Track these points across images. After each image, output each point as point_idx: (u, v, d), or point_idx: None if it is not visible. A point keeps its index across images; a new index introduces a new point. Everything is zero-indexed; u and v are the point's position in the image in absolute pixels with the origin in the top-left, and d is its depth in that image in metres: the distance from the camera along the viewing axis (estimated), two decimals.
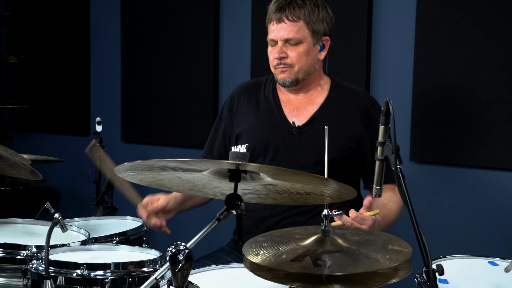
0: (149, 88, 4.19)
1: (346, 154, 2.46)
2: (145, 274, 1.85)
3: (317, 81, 2.53)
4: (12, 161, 1.96)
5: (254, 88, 2.62)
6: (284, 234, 1.77)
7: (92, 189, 4.16)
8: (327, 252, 1.63)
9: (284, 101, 2.54)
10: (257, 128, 2.53)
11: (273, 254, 1.63)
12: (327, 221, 1.71)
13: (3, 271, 1.97)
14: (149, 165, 1.66)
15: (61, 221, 1.87)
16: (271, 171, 1.63)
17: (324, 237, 1.70)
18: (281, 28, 2.42)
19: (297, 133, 2.47)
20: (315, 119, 2.48)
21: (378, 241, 1.72)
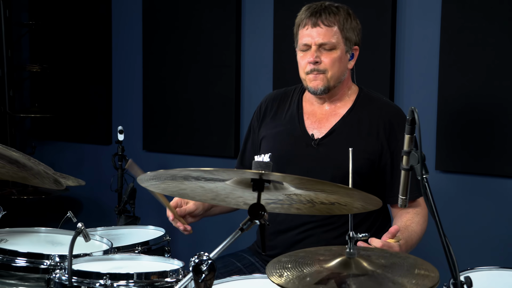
0: (170, 97, 4.21)
1: (366, 168, 2.42)
2: (168, 284, 1.85)
3: (345, 91, 2.51)
4: (36, 170, 1.98)
5: (281, 98, 2.62)
6: (308, 255, 1.76)
7: (114, 198, 4.19)
8: (352, 276, 1.61)
9: (307, 112, 2.53)
10: (278, 139, 2.53)
11: (297, 276, 1.62)
12: (352, 243, 1.70)
13: (26, 281, 1.99)
14: (172, 174, 1.66)
15: (84, 230, 1.88)
16: (294, 181, 1.63)
17: (349, 260, 1.68)
18: (316, 32, 2.41)
19: (315, 146, 2.45)
20: (335, 131, 2.46)
21: (404, 265, 1.70)
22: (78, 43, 4.62)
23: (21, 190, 4.39)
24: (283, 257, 1.76)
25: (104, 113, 4.56)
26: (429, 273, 1.64)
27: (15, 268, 1.99)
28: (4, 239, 2.23)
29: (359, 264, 1.66)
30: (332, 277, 1.60)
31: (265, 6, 3.83)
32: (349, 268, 1.64)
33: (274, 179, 1.65)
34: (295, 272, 1.65)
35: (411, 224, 2.37)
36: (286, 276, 1.63)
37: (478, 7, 3.16)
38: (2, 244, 2.16)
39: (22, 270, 1.99)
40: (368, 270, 1.64)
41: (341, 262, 1.67)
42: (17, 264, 1.99)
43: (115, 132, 4.24)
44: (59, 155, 4.79)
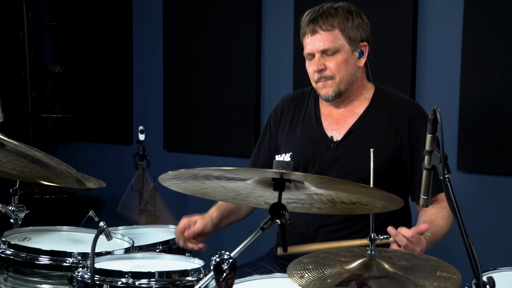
0: (191, 97, 4.22)
1: (387, 167, 2.39)
2: (189, 283, 1.86)
3: (359, 90, 2.48)
4: (58, 170, 1.99)
5: (298, 99, 2.60)
6: (329, 256, 1.75)
7: (136, 197, 4.21)
8: (373, 278, 1.61)
9: (324, 114, 2.51)
10: (297, 142, 2.51)
11: (318, 278, 1.62)
12: (373, 244, 1.69)
13: (49, 278, 2.01)
14: (193, 174, 1.67)
15: (106, 229, 1.89)
16: (315, 180, 1.63)
17: (370, 261, 1.68)
18: (316, 39, 2.37)
19: (334, 148, 2.43)
20: (354, 131, 2.44)
21: (426, 266, 1.69)
22: (99, 43, 4.66)
23: (44, 189, 4.43)
24: (304, 258, 1.77)
25: (125, 113, 4.59)
26: (451, 275, 1.63)
27: (38, 266, 2.01)
28: (27, 238, 2.26)
29: (381, 266, 1.66)
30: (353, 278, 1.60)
31: (286, 5, 3.83)
32: (370, 270, 1.64)
33: (295, 178, 1.65)
34: (316, 274, 1.65)
35: (436, 218, 2.35)
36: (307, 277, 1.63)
37: (501, 6, 3.13)
38: (25, 242, 2.19)
39: (46, 267, 2.01)
40: (389, 272, 1.63)
41: (362, 264, 1.67)
42: (40, 262, 2.02)
43: (136, 132, 4.27)
44: (80, 155, 4.83)
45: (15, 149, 1.99)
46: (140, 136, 4.11)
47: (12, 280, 2.06)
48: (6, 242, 2.11)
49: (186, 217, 2.45)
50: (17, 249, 2.07)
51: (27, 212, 2.42)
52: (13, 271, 2.07)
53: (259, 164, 2.63)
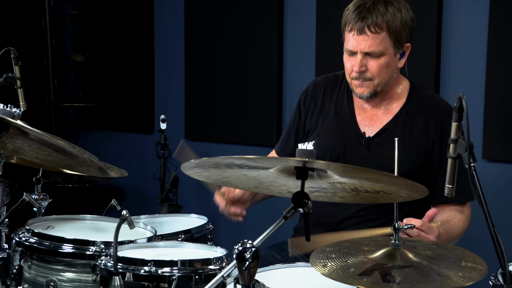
0: (213, 86, 4.23)
1: (417, 168, 2.35)
2: (212, 272, 1.87)
3: (394, 89, 2.43)
4: (81, 158, 2.01)
5: (330, 85, 2.52)
6: (352, 245, 1.75)
7: (157, 187, 4.24)
8: (397, 267, 1.60)
9: (358, 107, 2.46)
10: (327, 131, 2.46)
11: (341, 267, 1.62)
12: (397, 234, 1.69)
13: (73, 266, 2.03)
14: (215, 162, 1.68)
15: (128, 218, 1.91)
16: (339, 169, 1.63)
17: (394, 251, 1.67)
18: (363, 40, 2.27)
19: (366, 144, 2.40)
20: (387, 130, 2.39)
21: (451, 256, 1.68)
22: (120, 32, 4.68)
23: (66, 178, 4.48)
24: (327, 247, 1.76)
25: (147, 102, 4.61)
26: (476, 266, 1.62)
27: (62, 254, 2.04)
28: (51, 226, 2.28)
29: (405, 255, 1.65)
30: (377, 268, 1.60)
31: None
32: (394, 259, 1.63)
33: (318, 167, 1.65)
34: (339, 263, 1.64)
35: (453, 219, 2.32)
36: (330, 266, 1.63)
37: None
38: (49, 231, 2.21)
39: (69, 256, 2.03)
40: (413, 262, 1.63)
41: (386, 253, 1.66)
42: (63, 250, 2.04)
43: (157, 121, 4.29)
44: (102, 144, 4.87)
45: (38, 137, 2.01)
46: (161, 125, 4.13)
47: (35, 268, 2.09)
48: (30, 230, 2.13)
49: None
50: (41, 238, 2.10)
51: (50, 200, 2.45)
52: (37, 259, 2.09)
53: (288, 149, 2.60)
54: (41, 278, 2.07)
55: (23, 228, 2.18)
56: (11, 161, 2.40)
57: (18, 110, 2.08)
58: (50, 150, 2.10)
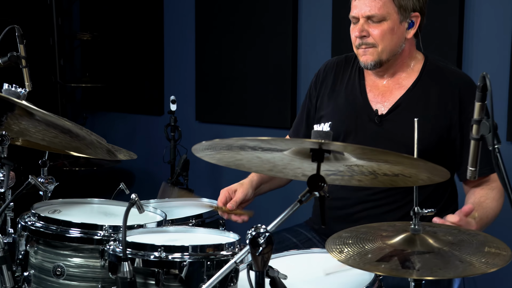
0: (224, 65, 4.22)
1: (434, 144, 2.35)
2: (224, 257, 1.87)
3: (406, 62, 2.43)
4: (88, 140, 2.01)
5: (342, 65, 2.56)
6: (370, 231, 1.75)
7: (167, 170, 4.25)
8: (416, 253, 1.59)
9: (369, 84, 2.47)
10: (339, 112, 2.48)
11: (358, 253, 1.62)
12: (417, 219, 1.68)
13: (80, 251, 2.04)
14: (228, 144, 1.67)
15: (138, 201, 1.91)
16: (356, 151, 1.62)
17: (414, 236, 1.66)
18: (363, 3, 2.33)
19: (379, 122, 2.41)
20: (400, 105, 2.40)
21: (473, 242, 1.67)
22: (129, 10, 4.67)
23: (73, 161, 4.49)
24: (343, 232, 1.76)
25: (156, 83, 4.61)
26: (500, 251, 1.61)
27: (69, 239, 2.04)
28: (57, 210, 2.29)
29: (425, 241, 1.64)
30: (395, 254, 1.59)
31: None
32: (414, 245, 1.63)
33: (335, 149, 1.64)
34: (356, 249, 1.64)
35: (486, 200, 2.32)
36: (346, 252, 1.63)
37: None
38: (55, 215, 2.21)
39: (76, 240, 2.03)
40: (434, 248, 1.62)
41: (405, 239, 1.65)
42: (71, 234, 2.04)
43: (167, 102, 4.29)
44: (110, 126, 4.88)
45: (44, 118, 2.02)
46: (171, 107, 4.13)
47: (42, 253, 2.10)
48: (36, 214, 2.14)
49: (223, 189, 2.46)
50: (47, 222, 2.10)
51: (56, 184, 2.45)
52: (44, 244, 2.10)
53: (300, 133, 2.62)
54: (48, 264, 2.08)
55: (29, 212, 2.19)
56: (16, 143, 2.40)
57: (23, 90, 2.08)
58: (57, 131, 2.10)
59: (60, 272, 2.05)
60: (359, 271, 1.75)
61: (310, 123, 2.57)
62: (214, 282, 1.70)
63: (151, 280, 1.84)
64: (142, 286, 1.85)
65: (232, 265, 1.70)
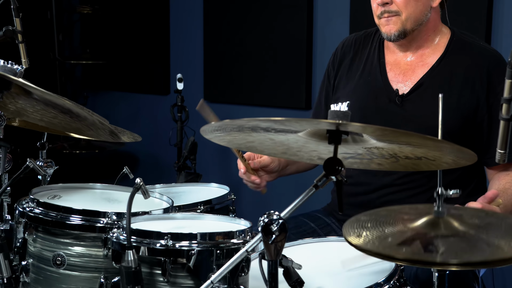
0: (235, 41, 4.21)
1: (459, 126, 2.35)
2: (234, 246, 1.87)
3: (430, 35, 2.42)
4: (90, 121, 2.02)
5: (360, 42, 2.56)
6: (390, 214, 1.74)
7: (173, 153, 4.26)
8: (440, 237, 1.59)
9: (390, 62, 2.47)
10: (357, 93, 2.48)
11: (377, 237, 1.62)
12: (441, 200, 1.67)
13: (82, 240, 2.05)
14: (239, 125, 1.68)
15: (143, 186, 1.92)
16: (376, 132, 1.62)
17: (438, 219, 1.66)
18: None
19: (399, 103, 2.40)
20: (423, 84, 2.39)
21: (502, 225, 1.66)
22: None
23: (73, 144, 4.52)
24: (362, 215, 1.76)
25: (162, 59, 4.61)
26: None
27: (69, 226, 2.05)
28: (57, 195, 2.30)
29: (449, 224, 1.64)
30: (417, 237, 1.59)
31: None
32: (437, 228, 1.62)
33: (353, 130, 1.64)
34: (375, 232, 1.64)
35: (511, 187, 2.32)
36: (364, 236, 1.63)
37: None
38: (55, 201, 2.23)
39: (77, 228, 2.04)
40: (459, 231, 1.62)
41: (428, 222, 1.65)
42: (72, 222, 2.05)
43: (173, 80, 4.30)
44: (112, 106, 4.90)
45: (42, 97, 2.02)
46: (178, 85, 4.14)
47: (41, 241, 2.11)
48: (34, 200, 2.15)
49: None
50: (47, 208, 2.11)
51: (56, 168, 2.47)
52: (43, 232, 2.11)
53: (320, 115, 2.62)
54: (47, 252, 2.09)
55: (27, 197, 2.21)
56: (13, 123, 2.41)
57: (20, 67, 2.09)
58: (56, 111, 2.11)
59: (60, 262, 2.07)
60: (379, 261, 1.76)
61: (329, 105, 2.57)
62: (224, 272, 1.71)
63: (157, 270, 1.86)
64: (148, 276, 1.86)
65: (243, 254, 1.71)
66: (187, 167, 4.11)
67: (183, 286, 1.85)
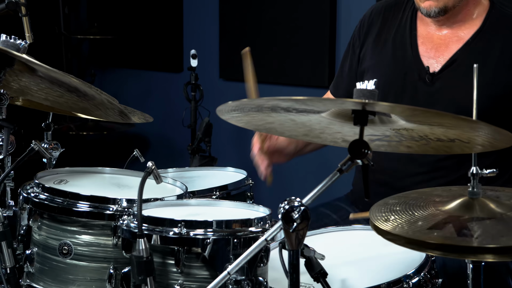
0: (252, 15, 4.21)
1: (494, 108, 2.33)
2: (253, 234, 1.88)
3: (470, 9, 2.40)
4: (98, 100, 2.03)
5: (391, 11, 2.53)
6: (421, 196, 1.74)
7: (187, 135, 4.27)
8: (475, 219, 1.59)
9: (422, 36, 2.45)
10: (383, 67, 2.47)
11: (407, 221, 1.62)
12: (476, 180, 1.67)
13: (90, 228, 2.06)
14: (258, 104, 1.68)
15: (155, 170, 1.92)
16: (405, 112, 1.61)
17: (472, 201, 1.65)
18: None
19: (430, 81, 2.39)
20: (457, 61, 2.37)
21: None
22: None
23: (80, 125, 4.54)
24: (390, 198, 1.76)
25: (175, 35, 4.61)
26: None
27: (77, 213, 2.06)
28: (64, 180, 2.31)
29: (485, 205, 1.64)
30: (450, 221, 1.59)
31: None
32: (472, 211, 1.62)
33: (381, 110, 1.64)
34: (404, 216, 1.64)
35: None
36: (393, 220, 1.63)
37: None
38: (62, 186, 2.24)
39: (85, 215, 2.05)
40: (495, 213, 1.61)
41: (462, 204, 1.65)
42: (79, 208, 2.06)
43: (187, 57, 4.30)
44: (122, 85, 4.91)
45: (48, 75, 2.03)
46: (192, 62, 4.14)
47: (47, 229, 2.12)
48: (40, 184, 2.16)
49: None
50: (53, 193, 2.12)
51: (62, 150, 2.48)
52: (48, 219, 2.12)
53: (341, 91, 2.61)
54: (53, 241, 2.10)
55: (32, 182, 2.22)
56: (16, 103, 2.43)
57: (24, 42, 2.09)
58: (62, 90, 2.12)
59: (67, 251, 2.08)
60: (408, 252, 1.76)
61: (352, 77, 2.56)
62: (241, 262, 1.71)
63: (170, 260, 1.86)
64: (160, 266, 1.87)
65: (262, 243, 1.71)
66: (201, 150, 4.12)
67: (197, 277, 1.86)
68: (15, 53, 1.98)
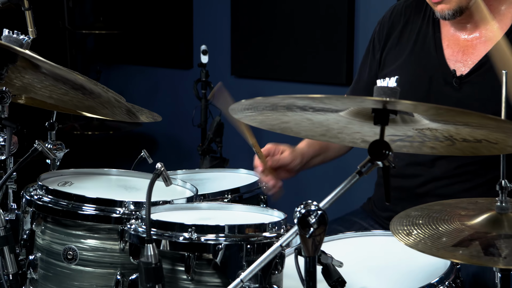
0: (266, 9, 4.20)
1: None
2: (267, 240, 1.88)
3: (493, 5, 2.38)
4: (105, 98, 2.03)
5: (413, 11, 2.53)
6: (445, 209, 1.73)
7: (197, 135, 4.27)
8: (503, 237, 1.58)
9: (447, 37, 2.44)
10: (406, 71, 2.46)
11: (430, 236, 1.61)
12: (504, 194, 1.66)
13: (96, 232, 2.06)
14: (272, 103, 1.67)
15: (164, 172, 1.92)
16: (429, 111, 1.61)
17: (500, 216, 1.65)
18: None
19: (457, 85, 2.38)
20: (485, 64, 2.35)
21: None
22: None
23: (85, 124, 4.56)
24: (412, 210, 1.75)
25: (184, 30, 4.61)
26: None
27: (82, 217, 2.06)
28: (68, 182, 2.31)
29: None
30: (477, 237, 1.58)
31: None
32: (500, 227, 1.62)
33: (403, 108, 1.63)
34: (427, 231, 1.64)
35: None
36: (415, 234, 1.62)
37: None
38: (66, 188, 2.24)
39: (91, 219, 2.06)
40: None
41: (489, 219, 1.64)
42: (84, 212, 2.07)
43: (197, 53, 4.30)
44: (129, 82, 4.92)
45: (51, 71, 2.04)
46: (202, 58, 4.15)
47: (50, 233, 2.13)
48: (43, 187, 2.17)
49: (271, 143, 2.46)
50: (57, 196, 2.13)
51: (66, 151, 2.48)
52: (52, 222, 2.13)
53: (359, 93, 2.61)
54: (58, 246, 2.11)
55: (35, 184, 2.22)
56: (18, 101, 2.43)
57: (27, 37, 2.10)
58: (67, 87, 2.13)
59: (71, 256, 2.08)
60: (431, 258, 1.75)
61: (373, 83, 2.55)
62: (255, 269, 1.71)
63: (180, 266, 1.86)
64: (169, 273, 1.87)
65: (277, 249, 1.71)
66: (212, 150, 4.13)
67: (208, 285, 1.86)
68: (18, 49, 1.98)
